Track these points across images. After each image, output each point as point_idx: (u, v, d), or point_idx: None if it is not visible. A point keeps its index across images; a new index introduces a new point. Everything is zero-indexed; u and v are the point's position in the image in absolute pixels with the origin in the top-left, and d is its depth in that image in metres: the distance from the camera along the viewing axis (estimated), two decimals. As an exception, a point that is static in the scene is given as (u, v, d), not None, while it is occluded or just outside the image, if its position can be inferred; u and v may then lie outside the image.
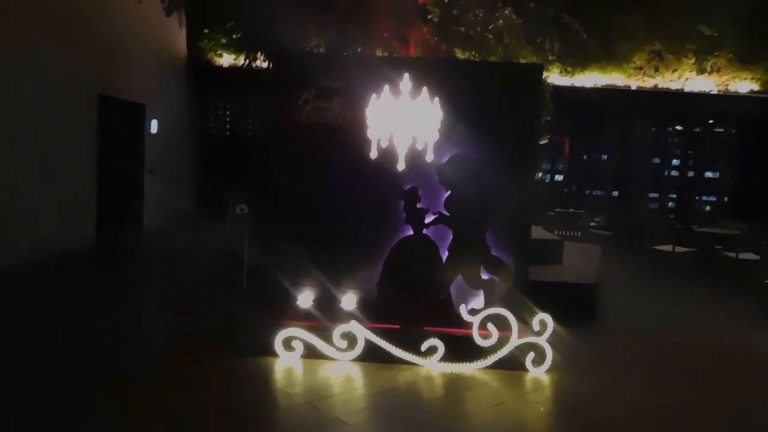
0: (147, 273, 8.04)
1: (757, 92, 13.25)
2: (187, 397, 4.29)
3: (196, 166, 13.53)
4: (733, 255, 9.20)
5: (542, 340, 5.05)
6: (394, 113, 5.79)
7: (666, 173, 14.17)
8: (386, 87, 5.76)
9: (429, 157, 5.80)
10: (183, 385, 4.49)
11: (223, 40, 12.97)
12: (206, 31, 12.93)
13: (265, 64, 9.97)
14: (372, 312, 5.74)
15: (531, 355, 5.07)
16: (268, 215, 6.23)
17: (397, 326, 5.52)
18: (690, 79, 13.39)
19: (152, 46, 11.72)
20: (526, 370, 5.06)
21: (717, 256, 9.49)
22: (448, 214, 5.84)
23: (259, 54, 9.36)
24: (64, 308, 6.21)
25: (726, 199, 13.83)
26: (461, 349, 5.12)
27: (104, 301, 6.59)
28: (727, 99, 13.16)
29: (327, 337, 5.13)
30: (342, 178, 5.96)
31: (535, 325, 5.08)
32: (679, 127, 14.08)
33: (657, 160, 14.14)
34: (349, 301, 5.83)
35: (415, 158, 5.82)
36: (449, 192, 5.88)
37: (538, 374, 5.03)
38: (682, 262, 9.58)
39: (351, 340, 5.13)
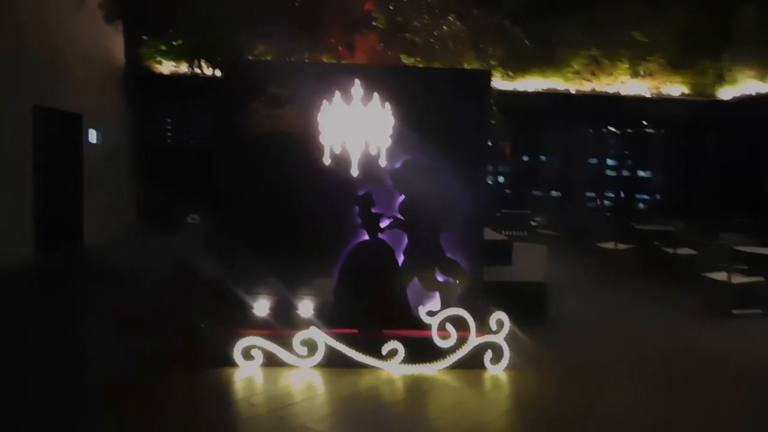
0: (94, 291, 7.76)
1: (688, 95, 13.90)
2: (147, 416, 4.17)
3: (139, 177, 13.18)
4: (671, 251, 9.59)
5: (500, 339, 5.16)
6: (346, 119, 5.82)
7: (604, 173, 14.68)
8: (337, 93, 5.79)
9: (382, 162, 5.85)
10: (142, 404, 4.37)
11: (163, 47, 12.71)
12: (145, 38, 12.63)
13: (209, 72, 9.84)
14: (330, 318, 5.74)
15: (489, 354, 5.16)
16: (221, 225, 6.15)
17: (356, 331, 5.53)
18: (625, 83, 13.92)
19: (89, 53, 11.37)
20: (484, 368, 5.15)
21: (656, 252, 9.87)
22: (402, 218, 5.90)
23: (203, 62, 9.24)
24: (3, 332, 5.96)
25: (660, 197, 14.43)
26: (421, 350, 5.17)
27: (49, 323, 6.33)
28: (660, 102, 13.76)
29: (287, 345, 5.08)
30: (296, 185, 5.94)
31: (493, 325, 5.18)
32: (615, 129, 14.61)
33: (595, 161, 14.64)
34: (306, 307, 5.81)
35: (368, 164, 5.86)
36: (403, 196, 5.94)
37: (497, 372, 5.12)
38: (624, 259, 9.92)
39: (311, 346, 5.10)
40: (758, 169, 12.50)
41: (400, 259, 5.90)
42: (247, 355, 5.08)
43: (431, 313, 5.29)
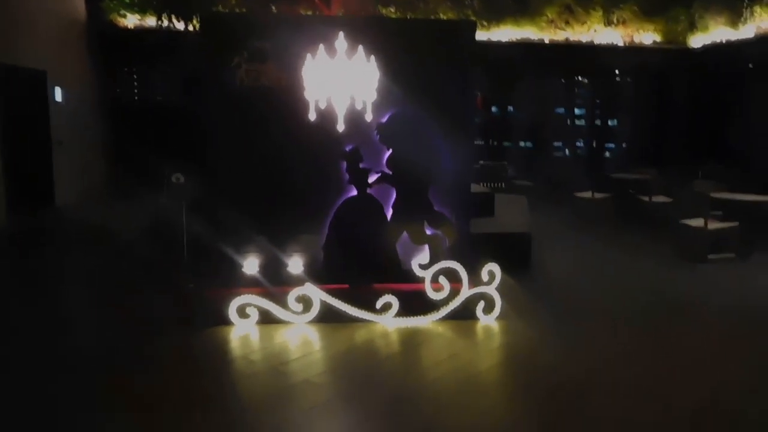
0: (75, 253, 7.62)
1: (659, 43, 13.96)
2: (147, 378, 4.16)
3: (109, 136, 12.83)
4: (647, 198, 9.78)
5: (491, 290, 5.24)
6: (330, 73, 5.72)
7: (577, 123, 14.78)
8: (321, 47, 5.67)
9: (368, 117, 5.78)
10: (141, 366, 4.37)
11: (127, 0, 12.24)
12: (106, -10, 12.15)
13: (180, 26, 9.52)
14: (320, 274, 5.76)
15: (481, 305, 5.25)
16: (205, 183, 6.06)
17: (346, 286, 5.57)
18: (598, 32, 13.90)
19: (49, 6, 10.88)
20: (476, 318, 5.25)
21: (632, 200, 10.06)
22: (390, 173, 5.88)
23: (173, 16, 8.92)
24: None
25: (632, 146, 14.61)
26: (414, 303, 5.23)
27: (35, 286, 6.23)
28: (632, 51, 13.80)
29: (282, 302, 5.10)
30: (281, 141, 5.87)
31: (484, 275, 5.25)
32: (587, 79, 14.65)
33: (568, 111, 14.71)
34: (296, 264, 5.81)
35: (354, 118, 5.79)
36: (390, 151, 5.90)
37: (489, 322, 5.22)
38: (601, 208, 10.10)
39: (306, 302, 5.12)
40: (726, 117, 12.71)
41: (389, 213, 5.92)
42: (242, 313, 5.07)
43: (424, 266, 5.32)
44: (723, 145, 12.39)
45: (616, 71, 14.34)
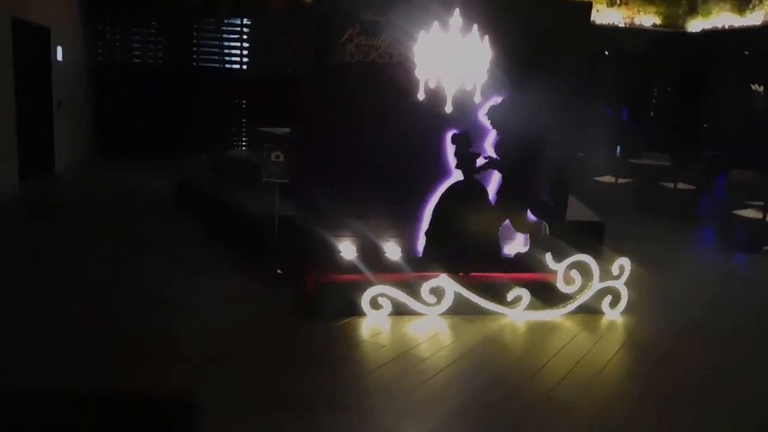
0: (118, 226, 7.07)
1: (658, 26, 14.14)
2: (290, 377, 3.92)
3: (98, 99, 12.03)
4: (671, 185, 9.97)
5: (620, 284, 5.18)
6: (443, 52, 5.45)
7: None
8: (435, 23, 5.39)
9: (477, 99, 5.57)
10: (279, 359, 4.12)
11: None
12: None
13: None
14: (420, 260, 5.57)
15: (608, 298, 5.19)
16: (304, 163, 5.72)
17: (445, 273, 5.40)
18: (600, 12, 13.96)
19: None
20: (602, 312, 5.20)
21: (656, 187, 10.23)
22: (497, 158, 5.71)
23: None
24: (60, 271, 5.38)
25: (642, 131, 14.75)
26: (545, 295, 5.12)
27: (103, 262, 5.76)
28: (632, 32, 13.89)
29: (415, 293, 4.88)
30: (387, 120, 5.58)
31: (615, 269, 5.19)
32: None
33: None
34: (393, 250, 5.60)
35: (462, 100, 5.56)
36: (499, 135, 5.72)
37: (614, 316, 5.18)
38: (626, 193, 10.22)
39: (439, 294, 4.92)
40: (724, 103, 13.04)
41: (493, 200, 5.77)
42: (375, 303, 4.83)
43: (558, 259, 5.19)
44: (717, 131, 12.74)
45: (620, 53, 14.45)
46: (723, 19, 13.31)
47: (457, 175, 5.71)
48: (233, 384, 3.68)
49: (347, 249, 5.62)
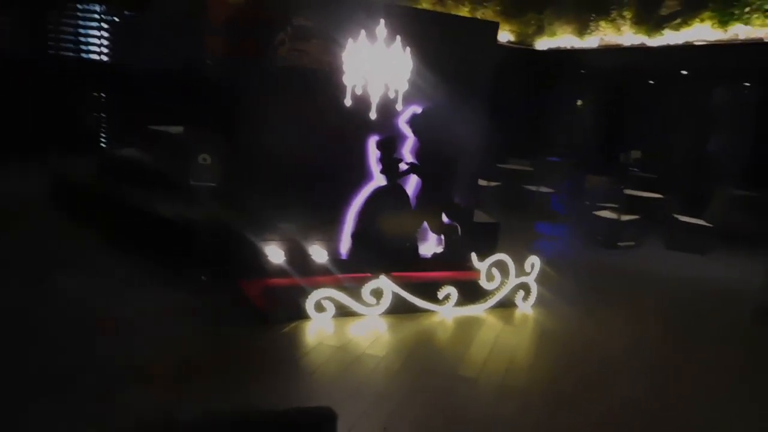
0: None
1: (512, 42, 15.42)
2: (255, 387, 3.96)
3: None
4: (534, 188, 11.00)
5: (531, 279, 5.73)
6: (369, 60, 5.68)
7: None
8: (362, 32, 5.61)
9: (399, 107, 5.87)
10: (238, 368, 4.11)
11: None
12: None
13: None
14: (346, 262, 5.76)
15: (521, 293, 5.72)
16: (230, 165, 5.63)
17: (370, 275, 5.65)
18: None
19: None
20: (515, 306, 5.71)
21: (521, 190, 11.21)
22: (418, 164, 6.04)
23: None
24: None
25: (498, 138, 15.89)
26: (470, 293, 5.52)
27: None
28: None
29: (356, 295, 5.04)
30: (315, 125, 5.69)
31: (527, 267, 5.72)
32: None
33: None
34: (319, 253, 5.74)
35: (383, 107, 5.82)
36: (420, 142, 6.06)
37: (527, 309, 5.72)
38: (496, 195, 11.06)
39: (379, 295, 5.12)
40: (565, 115, 14.54)
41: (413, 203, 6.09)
42: (319, 307, 4.91)
43: (480, 258, 5.60)
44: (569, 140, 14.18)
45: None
46: (566, 40, 14.81)
47: (380, 180, 5.95)
48: (212, 397, 3.62)
49: (276, 253, 5.64)
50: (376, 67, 5.70)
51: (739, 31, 10.80)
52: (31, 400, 3.37)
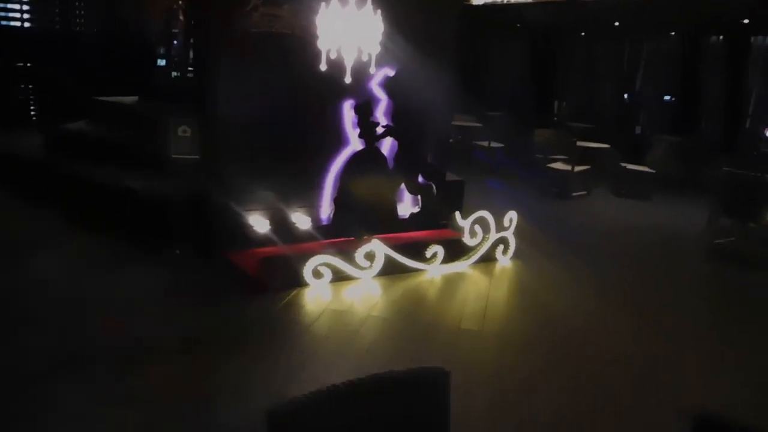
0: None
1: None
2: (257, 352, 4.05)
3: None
4: (486, 144, 11.27)
5: (509, 234, 5.97)
6: (341, 24, 5.65)
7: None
8: (335, -4, 5.57)
9: (372, 70, 5.90)
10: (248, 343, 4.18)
11: None
12: None
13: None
14: (330, 228, 5.84)
15: (500, 247, 5.96)
16: (209, 131, 5.52)
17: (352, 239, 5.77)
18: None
19: None
20: (495, 259, 5.96)
21: (474, 145, 11.45)
22: (394, 127, 6.13)
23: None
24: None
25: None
26: (454, 250, 5.70)
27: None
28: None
29: (350, 259, 5.13)
30: (290, 92, 5.67)
31: (506, 221, 5.94)
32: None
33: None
34: (302, 220, 5.79)
35: (357, 71, 5.84)
36: (395, 105, 6.13)
37: (505, 263, 5.98)
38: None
39: (371, 258, 5.22)
40: (503, 70, 14.81)
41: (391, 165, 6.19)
42: (316, 273, 4.98)
43: (462, 218, 5.77)
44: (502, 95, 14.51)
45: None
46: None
47: (357, 144, 6.00)
48: (240, 375, 3.67)
49: (261, 222, 5.64)
50: (349, 30, 5.68)
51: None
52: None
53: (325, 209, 6.09)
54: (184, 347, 3.89)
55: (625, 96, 13.21)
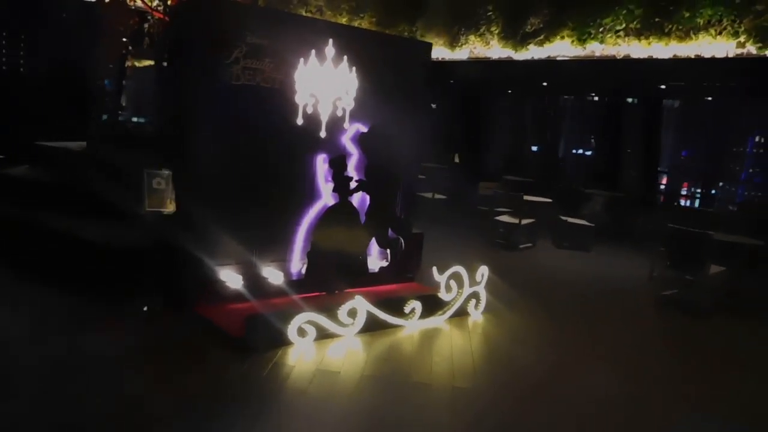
0: None
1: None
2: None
3: None
4: (430, 195, 11.48)
5: (481, 288, 6.05)
6: (319, 79, 5.72)
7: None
8: (312, 52, 5.66)
9: (346, 125, 5.97)
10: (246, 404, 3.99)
11: None
12: None
13: None
14: (304, 282, 5.76)
15: (473, 302, 6.01)
16: (186, 187, 5.34)
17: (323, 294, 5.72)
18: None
19: None
20: (468, 314, 6.00)
21: (418, 197, 11.59)
22: (366, 182, 6.17)
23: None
24: None
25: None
26: (430, 305, 5.71)
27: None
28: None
29: (333, 317, 5.03)
30: (267, 145, 5.63)
31: (478, 276, 6.02)
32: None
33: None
34: (274, 275, 5.69)
35: (332, 125, 5.89)
36: (368, 160, 6.19)
37: (477, 316, 6.03)
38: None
39: (354, 315, 5.14)
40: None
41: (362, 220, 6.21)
42: (301, 331, 4.84)
43: (439, 272, 5.80)
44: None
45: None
46: (438, 51, 15.51)
47: (331, 198, 5.98)
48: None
49: (232, 277, 5.47)
50: (326, 86, 5.73)
51: (596, 49, 11.98)
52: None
53: (296, 263, 5.99)
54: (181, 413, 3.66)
55: (557, 152, 13.87)
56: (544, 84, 13.70)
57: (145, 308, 5.21)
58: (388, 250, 6.46)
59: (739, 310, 7.21)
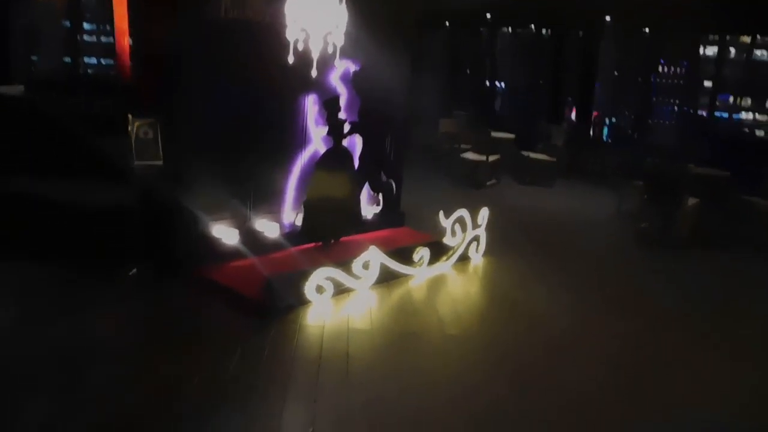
0: None
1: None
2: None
3: None
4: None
5: (482, 231, 5.89)
6: (309, 13, 5.22)
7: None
8: (301, -17, 5.13)
9: (338, 62, 5.55)
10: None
11: None
12: None
13: None
14: (301, 233, 5.45)
15: (474, 245, 5.86)
16: (171, 135, 4.80)
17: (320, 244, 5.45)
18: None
19: None
20: (469, 258, 5.86)
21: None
22: (359, 123, 5.83)
23: None
24: None
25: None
26: (437, 252, 5.51)
27: None
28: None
29: (348, 271, 4.74)
30: (262, 84, 5.15)
31: (480, 219, 5.85)
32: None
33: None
34: (269, 227, 5.35)
35: (322, 64, 5.45)
36: (361, 101, 5.83)
37: (478, 259, 5.90)
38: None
39: (368, 268, 4.87)
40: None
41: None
42: (319, 289, 4.53)
43: (444, 217, 5.59)
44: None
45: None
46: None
47: (323, 142, 5.60)
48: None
49: (228, 233, 5.06)
50: (316, 19, 5.23)
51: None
52: None
53: (289, 214, 5.62)
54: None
55: (500, 85, 13.67)
56: (488, 15, 13.34)
57: (134, 270, 4.73)
58: (380, 195, 6.17)
59: (710, 242, 7.34)
